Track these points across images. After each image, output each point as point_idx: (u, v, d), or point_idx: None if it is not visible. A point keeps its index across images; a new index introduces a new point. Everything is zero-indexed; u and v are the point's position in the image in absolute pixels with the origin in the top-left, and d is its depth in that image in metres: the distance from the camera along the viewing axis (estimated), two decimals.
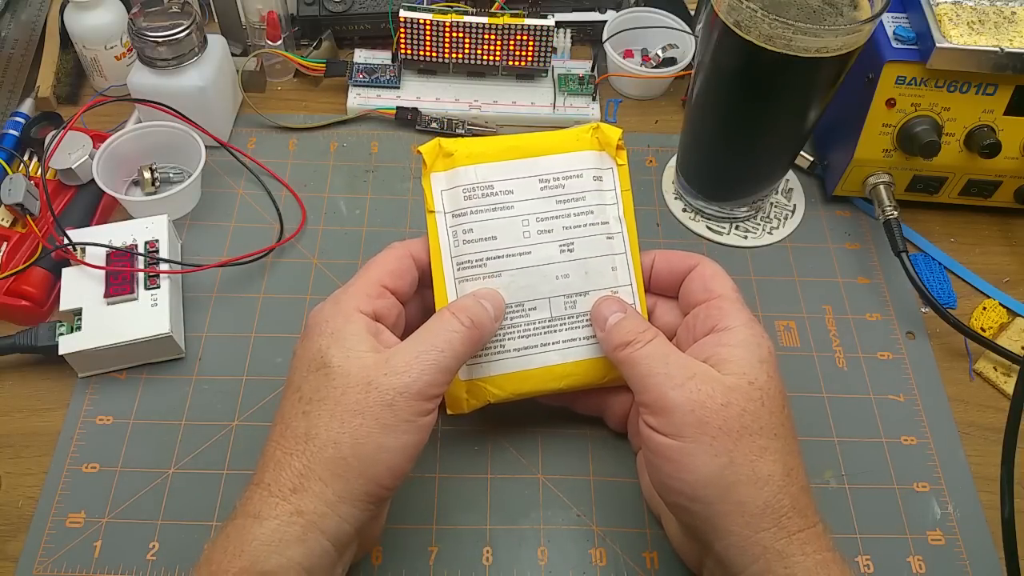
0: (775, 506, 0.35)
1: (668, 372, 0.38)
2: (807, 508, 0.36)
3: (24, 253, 0.52)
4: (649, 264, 0.45)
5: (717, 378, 0.37)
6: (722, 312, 0.40)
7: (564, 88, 0.65)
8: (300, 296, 0.53)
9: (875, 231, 0.58)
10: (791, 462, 0.37)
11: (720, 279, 0.42)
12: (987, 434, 0.50)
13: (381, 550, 0.44)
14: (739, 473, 0.35)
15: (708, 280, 0.42)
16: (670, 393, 0.37)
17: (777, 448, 0.36)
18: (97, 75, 0.62)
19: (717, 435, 0.36)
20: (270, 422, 0.47)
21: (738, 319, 0.40)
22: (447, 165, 0.44)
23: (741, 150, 0.54)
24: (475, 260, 0.43)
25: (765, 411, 0.37)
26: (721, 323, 0.40)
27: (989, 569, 0.45)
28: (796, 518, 0.35)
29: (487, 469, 0.47)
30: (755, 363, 0.38)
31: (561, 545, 0.44)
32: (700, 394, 0.37)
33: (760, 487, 0.35)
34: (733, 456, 0.36)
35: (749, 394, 0.37)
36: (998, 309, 0.55)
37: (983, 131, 0.53)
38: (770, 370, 0.38)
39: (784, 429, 0.37)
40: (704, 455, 0.36)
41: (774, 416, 0.37)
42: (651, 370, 0.38)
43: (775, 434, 0.37)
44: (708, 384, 0.37)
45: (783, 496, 0.35)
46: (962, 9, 0.51)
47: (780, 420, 0.37)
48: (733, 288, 0.42)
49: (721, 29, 0.47)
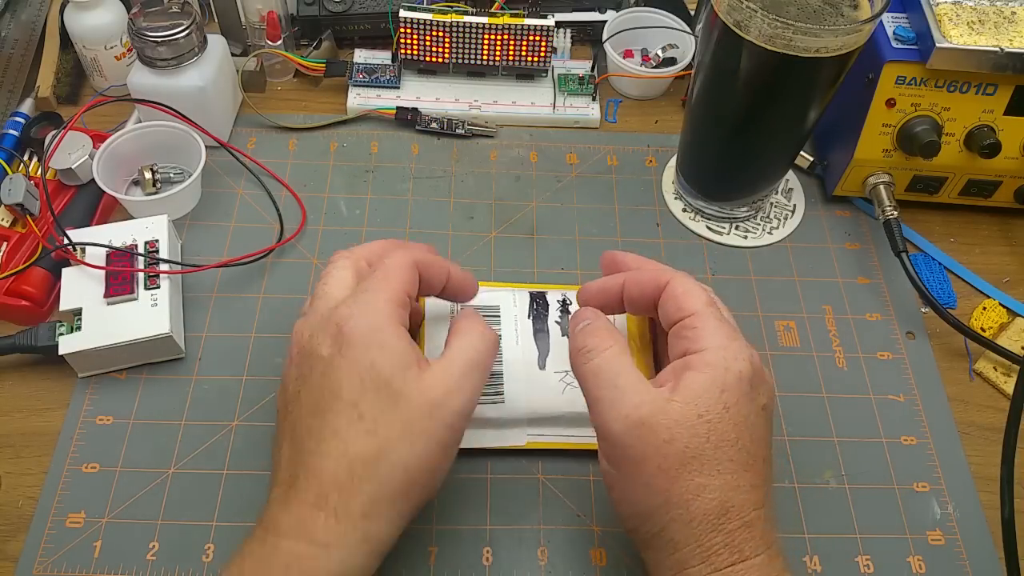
0: (705, 544, 0.35)
1: (613, 398, 0.36)
2: (745, 543, 0.35)
3: (24, 253, 0.51)
4: (618, 289, 0.43)
5: (664, 409, 0.35)
6: (695, 333, 0.38)
7: (564, 88, 0.65)
8: (300, 296, 0.53)
9: (875, 231, 0.58)
10: (734, 499, 0.35)
11: (692, 296, 0.39)
12: (987, 434, 0.50)
13: None
14: (672, 513, 0.35)
15: (680, 299, 0.39)
16: (612, 424, 0.36)
17: (717, 486, 0.35)
18: (97, 75, 0.62)
19: (655, 474, 0.35)
20: (270, 422, 0.47)
21: (711, 339, 0.37)
22: None
23: (741, 150, 0.54)
24: None
25: (710, 447, 0.35)
26: (693, 345, 0.38)
27: (989, 569, 0.45)
28: (727, 554, 0.35)
29: (487, 469, 0.47)
30: (715, 393, 0.36)
31: (561, 545, 0.44)
32: (642, 429, 0.35)
33: (692, 527, 0.35)
34: (668, 496, 0.35)
35: (695, 429, 0.35)
36: (998, 309, 0.55)
37: (983, 131, 0.53)
38: (730, 399, 0.36)
39: (732, 464, 0.35)
40: (640, 492, 0.36)
41: (720, 451, 0.35)
42: (598, 392, 0.37)
43: (718, 471, 0.35)
44: (653, 418, 0.35)
45: (715, 534, 0.35)
46: (962, 9, 0.51)
47: (728, 455, 0.35)
48: (707, 302, 0.39)
49: (721, 29, 0.47)
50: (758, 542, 0.35)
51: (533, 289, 0.51)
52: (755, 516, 0.35)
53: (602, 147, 0.63)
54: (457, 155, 0.61)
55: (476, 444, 0.46)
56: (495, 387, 0.46)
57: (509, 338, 0.48)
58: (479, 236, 0.57)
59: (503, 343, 0.48)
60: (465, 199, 0.59)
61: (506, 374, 0.47)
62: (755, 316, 0.54)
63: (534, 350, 0.48)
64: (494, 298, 0.50)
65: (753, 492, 0.36)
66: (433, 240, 0.56)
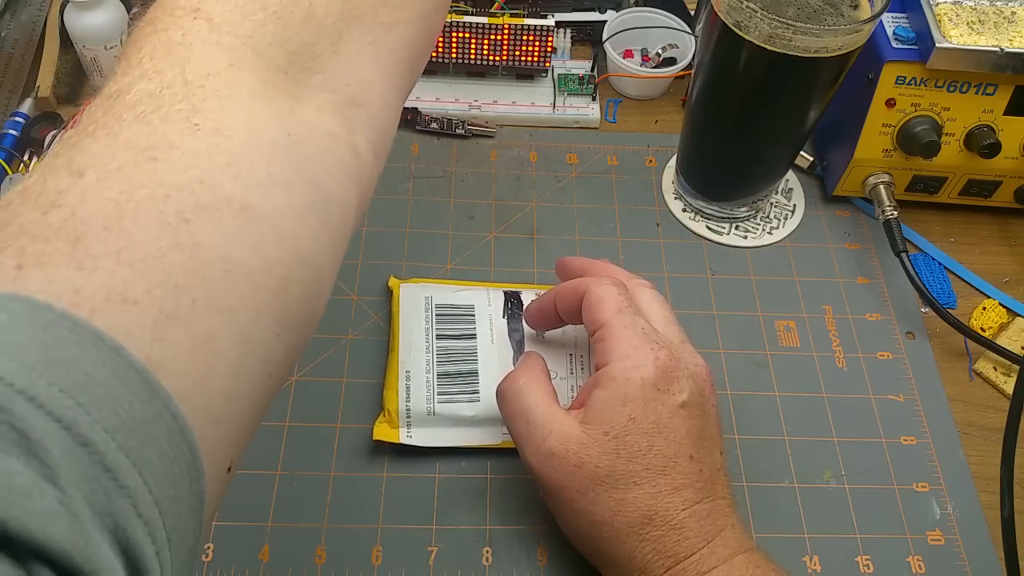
0: (638, 557, 0.36)
1: (527, 433, 0.38)
2: (677, 545, 0.35)
3: None
4: (552, 305, 0.44)
5: (570, 435, 0.37)
6: (603, 345, 0.38)
7: (564, 88, 0.65)
8: None
9: (875, 231, 0.58)
10: (655, 505, 0.36)
11: (602, 306, 0.39)
12: (987, 434, 0.50)
13: (381, 550, 0.44)
14: (601, 532, 0.36)
15: (592, 310, 0.39)
16: (528, 458, 0.38)
17: (635, 497, 0.36)
18: (97, 75, 0.62)
19: (575, 498, 0.37)
20: (269, 421, 0.47)
21: (614, 351, 0.38)
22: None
23: (741, 150, 0.54)
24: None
25: (621, 460, 0.36)
26: (602, 358, 0.38)
27: (989, 569, 0.45)
28: (661, 560, 0.35)
29: (487, 469, 0.47)
30: (617, 407, 0.36)
31: (561, 545, 0.44)
32: (553, 459, 0.37)
33: (621, 542, 0.36)
34: (592, 516, 0.36)
35: (603, 446, 0.36)
36: (998, 309, 0.55)
37: (983, 131, 0.53)
38: (634, 409, 0.36)
39: (648, 472, 0.36)
40: (568, 516, 0.38)
41: (633, 462, 0.36)
42: (515, 429, 0.40)
43: (634, 482, 0.36)
44: (561, 444, 0.37)
45: (644, 544, 0.36)
46: (962, 9, 0.51)
47: (643, 464, 0.36)
48: (616, 310, 0.39)
49: (721, 29, 0.47)
50: (693, 540, 0.35)
51: (507, 289, 0.51)
52: (685, 516, 0.36)
53: (602, 147, 0.63)
54: (457, 155, 0.61)
55: (451, 443, 0.46)
56: (470, 386, 0.47)
57: (484, 338, 0.49)
58: (479, 236, 0.57)
59: (478, 343, 0.49)
60: (465, 199, 0.59)
61: (481, 373, 0.47)
62: (755, 316, 0.54)
63: (509, 349, 0.48)
64: (468, 297, 0.50)
65: (675, 494, 0.36)
66: (433, 240, 0.56)
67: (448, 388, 0.47)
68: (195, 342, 0.20)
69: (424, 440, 0.46)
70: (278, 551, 0.43)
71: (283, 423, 0.47)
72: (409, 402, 0.46)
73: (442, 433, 0.46)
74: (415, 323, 0.49)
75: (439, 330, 0.49)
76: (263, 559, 0.43)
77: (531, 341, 0.49)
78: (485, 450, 0.47)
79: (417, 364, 0.47)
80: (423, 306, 0.50)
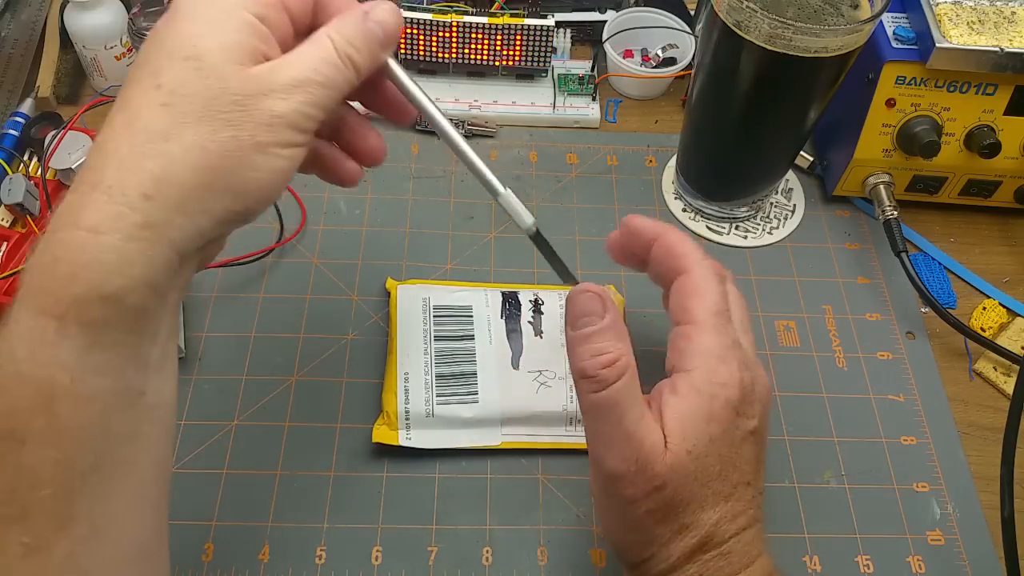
0: (679, 573, 0.35)
1: (615, 436, 0.34)
2: (721, 570, 0.35)
3: (24, 253, 0.51)
4: (645, 254, 0.40)
5: (659, 454, 0.34)
6: (688, 345, 0.36)
7: (564, 88, 0.65)
8: (300, 296, 0.53)
9: (875, 231, 0.58)
10: (714, 532, 0.35)
11: (701, 299, 0.36)
12: (987, 434, 0.50)
13: (381, 550, 0.44)
14: (652, 549, 0.35)
15: (687, 299, 0.37)
16: (608, 462, 0.34)
17: (698, 521, 0.34)
18: (97, 75, 0.62)
19: (643, 517, 0.34)
20: (271, 421, 0.47)
21: (700, 359, 0.35)
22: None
23: (741, 150, 0.54)
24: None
25: (697, 485, 0.34)
26: (683, 360, 0.36)
27: (989, 569, 0.45)
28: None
29: (487, 469, 0.47)
30: (700, 424, 0.34)
31: (561, 545, 0.44)
32: (637, 474, 0.34)
33: (669, 562, 0.35)
34: (652, 536, 0.35)
35: (686, 469, 0.34)
36: (998, 309, 0.55)
37: (983, 131, 0.53)
38: (715, 430, 0.34)
39: (715, 497, 0.34)
40: (623, 527, 0.36)
41: (706, 487, 0.34)
42: (599, 426, 0.35)
43: (701, 507, 0.34)
44: (649, 460, 0.34)
45: (691, 565, 0.35)
46: (962, 9, 0.51)
47: (713, 489, 0.34)
48: (714, 311, 0.36)
49: (721, 29, 0.47)
50: (735, 566, 0.35)
51: (505, 289, 0.51)
52: (734, 542, 0.35)
53: (602, 147, 0.63)
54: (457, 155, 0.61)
55: (450, 444, 0.46)
56: (469, 387, 0.47)
57: (482, 338, 0.49)
58: (479, 236, 0.57)
59: (476, 344, 0.48)
60: (465, 199, 0.59)
61: (480, 374, 0.47)
62: (755, 316, 0.54)
63: (507, 350, 0.48)
64: (466, 298, 0.50)
65: (732, 522, 0.35)
66: (433, 240, 0.56)
67: (447, 390, 0.47)
68: None
69: (423, 442, 0.46)
70: (278, 551, 0.43)
71: (283, 423, 0.47)
72: (408, 404, 0.46)
73: (441, 435, 0.46)
74: (413, 325, 0.49)
75: (437, 331, 0.49)
76: (263, 559, 0.43)
77: (530, 342, 0.49)
78: (485, 450, 0.47)
79: (415, 366, 0.47)
80: (421, 307, 0.50)
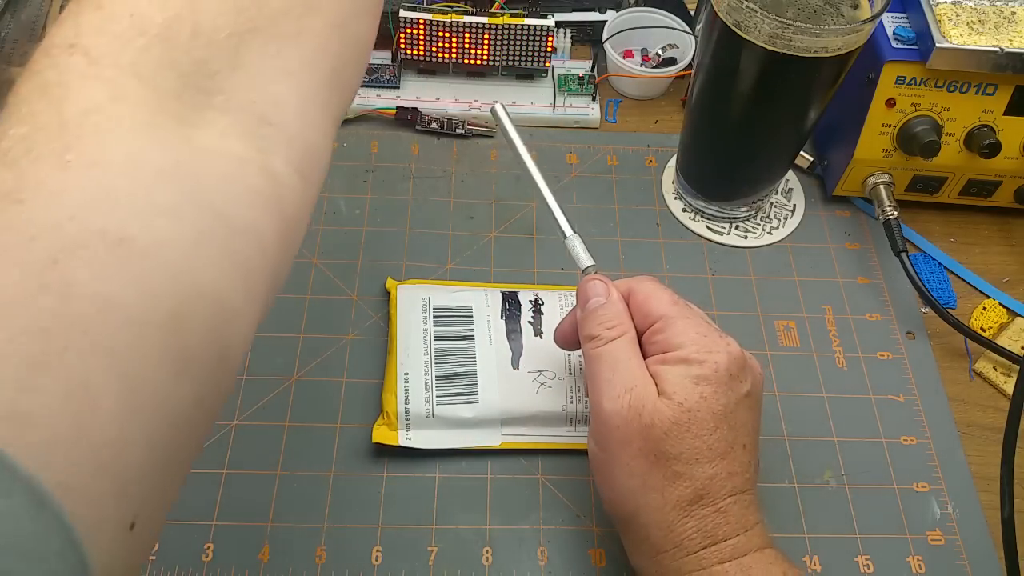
0: (677, 530, 0.36)
1: (612, 380, 0.38)
2: (717, 528, 0.36)
3: None
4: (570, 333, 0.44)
5: (651, 397, 0.37)
6: (664, 336, 0.39)
7: (564, 88, 0.65)
8: (300, 296, 0.53)
9: (875, 231, 0.58)
10: (709, 487, 0.36)
11: (656, 299, 0.40)
12: (987, 434, 0.50)
13: (381, 550, 0.44)
14: (647, 497, 0.36)
15: (643, 305, 0.40)
16: (604, 403, 0.38)
17: (693, 473, 0.36)
18: None
19: (636, 455, 0.36)
20: (270, 421, 0.47)
21: (681, 337, 0.38)
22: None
23: (741, 150, 0.54)
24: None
25: (690, 436, 0.36)
26: (667, 345, 0.39)
27: (989, 569, 0.45)
28: (699, 539, 0.36)
29: (487, 469, 0.47)
30: (689, 384, 0.37)
31: (561, 545, 0.44)
32: (629, 411, 0.37)
33: (664, 512, 0.36)
34: (645, 479, 0.36)
35: (676, 417, 0.36)
36: (998, 309, 0.55)
37: (983, 131, 0.53)
38: (706, 389, 0.37)
39: (710, 452, 0.36)
40: (619, 473, 0.37)
41: (699, 439, 0.36)
42: (599, 374, 0.39)
43: (696, 459, 0.36)
44: (640, 401, 0.37)
45: (688, 520, 0.36)
46: (962, 9, 0.51)
47: (707, 443, 0.36)
48: (671, 302, 0.40)
49: (721, 29, 0.47)
50: (733, 526, 0.36)
51: (505, 289, 0.51)
52: (729, 503, 0.36)
53: (602, 147, 0.63)
54: (457, 155, 0.61)
55: (450, 445, 0.46)
56: (469, 387, 0.47)
57: (482, 339, 0.49)
58: (479, 236, 0.57)
59: (476, 344, 0.48)
60: (465, 199, 0.59)
61: (480, 374, 0.47)
62: (755, 316, 0.54)
63: (507, 350, 0.48)
64: (466, 298, 0.50)
65: (729, 480, 0.37)
66: (433, 240, 0.56)
67: (447, 390, 0.47)
68: (69, 388, 0.19)
69: (423, 442, 0.46)
70: (278, 551, 0.43)
71: (283, 423, 0.47)
72: (408, 404, 0.46)
73: (441, 435, 0.46)
74: (413, 325, 0.49)
75: (437, 331, 0.49)
76: (263, 559, 0.43)
77: (530, 342, 0.49)
78: (485, 450, 0.47)
79: (415, 366, 0.47)
80: (421, 307, 0.50)
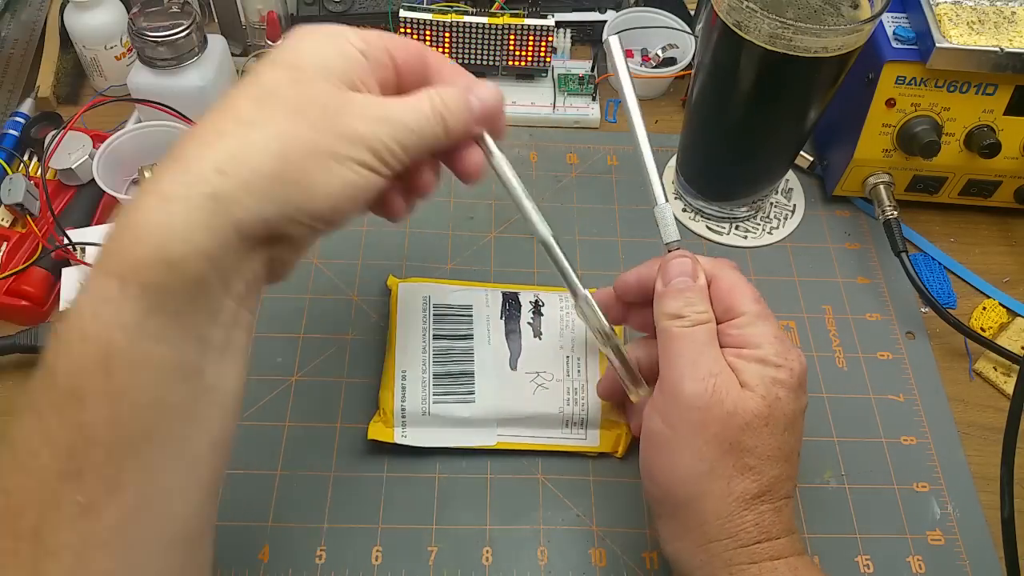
0: (736, 521, 0.36)
1: (697, 362, 0.37)
2: (772, 525, 0.36)
3: (24, 253, 0.51)
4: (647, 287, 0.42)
5: (735, 386, 0.37)
6: (745, 332, 0.39)
7: (564, 88, 0.65)
8: (300, 296, 0.53)
9: (875, 231, 0.58)
10: (772, 485, 0.37)
11: (738, 293, 0.40)
12: (987, 434, 0.50)
13: (381, 550, 0.44)
14: (713, 484, 0.36)
15: (729, 295, 0.40)
16: (687, 383, 0.37)
17: (763, 470, 0.36)
18: (97, 75, 0.62)
19: (710, 441, 0.36)
20: (271, 421, 0.47)
21: (763, 337, 0.38)
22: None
23: (741, 150, 0.54)
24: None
25: (767, 431, 0.36)
26: (748, 341, 0.39)
27: (989, 569, 0.45)
28: (755, 533, 0.36)
29: (487, 469, 0.47)
30: (768, 383, 0.37)
31: (561, 545, 0.44)
32: (712, 397, 0.36)
33: (727, 503, 0.36)
34: (714, 466, 0.36)
35: (759, 410, 0.36)
36: (998, 309, 0.55)
37: (983, 131, 0.53)
38: (782, 392, 0.37)
39: (779, 452, 0.37)
40: (687, 456, 0.37)
41: (773, 438, 0.37)
42: (682, 353, 0.38)
43: (767, 456, 0.36)
44: (725, 388, 0.36)
45: (747, 513, 0.36)
46: (962, 9, 0.51)
47: (777, 443, 0.37)
48: (754, 299, 0.40)
49: (721, 29, 0.47)
50: (783, 527, 0.37)
51: (506, 289, 0.51)
52: (783, 504, 0.37)
53: (602, 147, 0.63)
54: None
55: (445, 443, 0.46)
56: (466, 387, 0.47)
57: (481, 338, 0.49)
58: (479, 236, 0.57)
59: (475, 343, 0.48)
60: (465, 199, 0.59)
61: (477, 374, 0.47)
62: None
63: (506, 351, 0.48)
64: (466, 297, 0.50)
65: (788, 482, 0.37)
66: (433, 240, 0.56)
67: (443, 389, 0.47)
68: None
69: (418, 440, 0.46)
70: (278, 551, 0.43)
71: (283, 423, 0.47)
72: (404, 402, 0.46)
73: (437, 433, 0.46)
74: (412, 323, 0.49)
75: (436, 330, 0.49)
76: (263, 559, 0.43)
77: (529, 343, 0.49)
78: (485, 450, 0.47)
79: (413, 364, 0.47)
80: (421, 306, 0.50)
